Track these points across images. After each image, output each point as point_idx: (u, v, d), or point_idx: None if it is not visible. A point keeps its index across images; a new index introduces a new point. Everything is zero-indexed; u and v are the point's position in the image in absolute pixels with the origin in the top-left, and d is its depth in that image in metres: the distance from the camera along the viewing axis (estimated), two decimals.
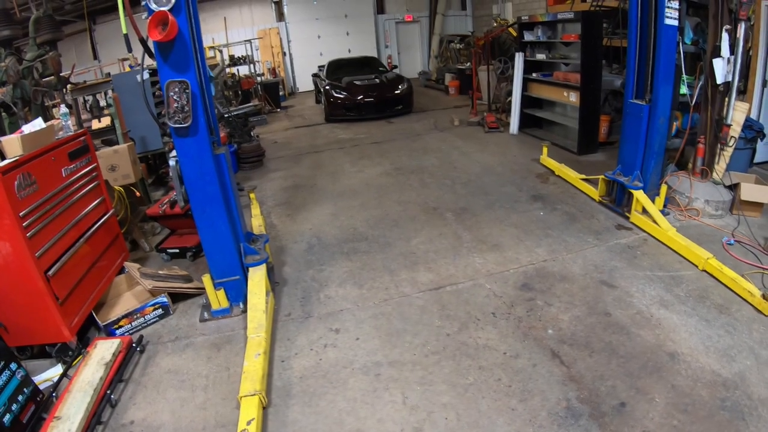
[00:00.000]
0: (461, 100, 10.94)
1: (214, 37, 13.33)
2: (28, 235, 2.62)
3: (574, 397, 2.35)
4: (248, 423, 2.18)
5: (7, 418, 2.27)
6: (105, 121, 5.65)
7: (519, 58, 7.26)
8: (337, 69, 11.07)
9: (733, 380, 2.37)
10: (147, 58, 2.87)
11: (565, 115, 6.81)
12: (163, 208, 4.27)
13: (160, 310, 3.30)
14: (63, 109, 3.68)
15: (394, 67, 12.49)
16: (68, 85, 5.36)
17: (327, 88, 10.03)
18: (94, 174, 3.54)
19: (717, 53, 3.97)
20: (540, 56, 7.02)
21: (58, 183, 3.07)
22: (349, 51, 14.67)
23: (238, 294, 3.32)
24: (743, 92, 4.74)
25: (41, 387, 2.64)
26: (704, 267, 3.31)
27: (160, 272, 3.56)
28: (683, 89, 4.37)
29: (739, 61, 3.95)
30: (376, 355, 2.77)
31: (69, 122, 3.61)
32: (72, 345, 2.90)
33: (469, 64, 11.07)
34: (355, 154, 7.26)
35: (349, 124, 9.50)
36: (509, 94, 7.84)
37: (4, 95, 4.22)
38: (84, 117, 5.67)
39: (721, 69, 3.97)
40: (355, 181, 5.92)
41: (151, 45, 2.76)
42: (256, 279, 3.20)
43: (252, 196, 5.30)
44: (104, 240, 3.52)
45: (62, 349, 2.90)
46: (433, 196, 5.17)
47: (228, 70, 11.79)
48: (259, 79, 12.52)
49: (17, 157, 2.71)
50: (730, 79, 4.01)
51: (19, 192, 2.63)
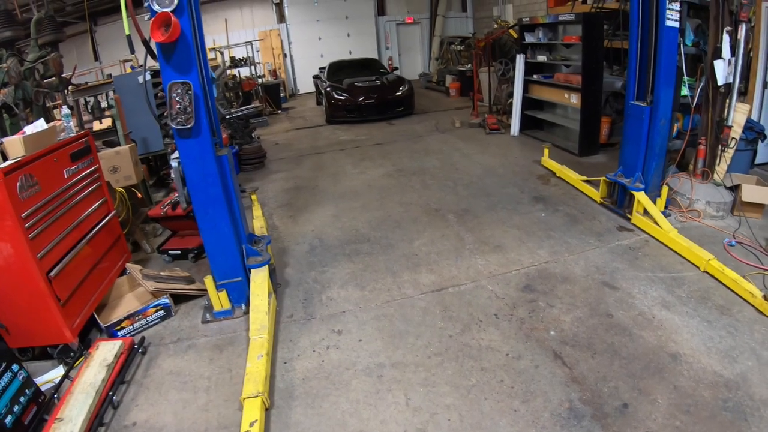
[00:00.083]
0: (462, 102, 10.95)
1: (215, 39, 13.35)
2: (30, 236, 2.63)
3: (577, 398, 2.35)
4: (251, 425, 2.18)
5: (8, 420, 2.27)
6: (106, 123, 5.65)
7: (520, 60, 7.27)
8: (338, 71, 11.08)
9: (735, 381, 2.37)
10: (148, 59, 2.87)
11: (566, 117, 6.82)
12: (165, 210, 4.27)
13: (162, 312, 3.30)
14: (65, 110, 3.69)
15: (395, 69, 12.49)
16: (70, 87, 5.36)
17: (328, 89, 10.03)
18: (95, 175, 3.54)
19: (718, 55, 3.98)
20: (541, 58, 7.03)
21: (60, 184, 3.07)
22: (350, 53, 14.69)
23: (240, 295, 3.31)
24: (744, 94, 4.74)
25: (43, 388, 2.64)
26: (705, 268, 3.31)
27: (162, 274, 3.56)
28: (684, 91, 4.38)
29: (740, 62, 3.97)
30: (379, 357, 2.77)
31: (71, 123, 3.62)
32: (74, 346, 2.90)
33: (469, 65, 11.08)
34: (357, 155, 7.26)
35: (350, 126, 9.50)
36: (510, 95, 7.85)
37: (6, 96, 4.22)
38: (85, 118, 5.68)
39: (722, 70, 3.98)
40: (356, 183, 5.92)
41: (154, 46, 2.76)
42: (259, 280, 3.20)
43: (254, 197, 5.31)
44: (106, 241, 3.52)
45: (64, 351, 2.90)
46: (435, 197, 5.17)
47: (229, 72, 11.81)
48: (260, 80, 12.54)
49: (19, 158, 2.71)
50: (731, 81, 4.02)
51: (21, 193, 2.63)
